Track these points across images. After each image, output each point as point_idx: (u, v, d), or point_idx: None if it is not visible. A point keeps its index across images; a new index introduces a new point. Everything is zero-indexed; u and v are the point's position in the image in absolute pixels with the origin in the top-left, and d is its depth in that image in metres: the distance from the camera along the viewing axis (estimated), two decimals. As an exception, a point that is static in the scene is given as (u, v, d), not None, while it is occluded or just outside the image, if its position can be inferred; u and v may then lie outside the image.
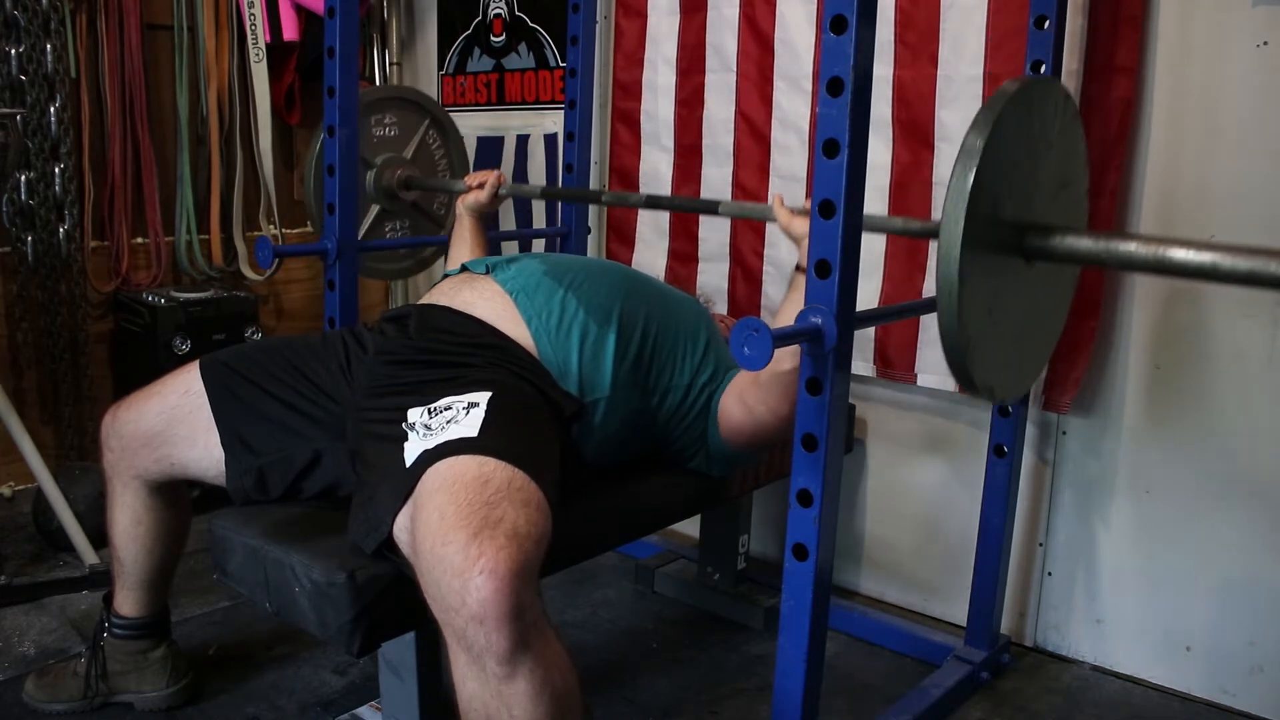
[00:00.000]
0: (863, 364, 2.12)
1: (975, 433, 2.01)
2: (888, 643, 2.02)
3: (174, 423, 1.50)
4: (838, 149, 1.14)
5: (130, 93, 2.61)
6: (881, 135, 2.02)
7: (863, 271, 1.22)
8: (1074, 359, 1.85)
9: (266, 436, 1.47)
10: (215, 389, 1.50)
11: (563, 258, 1.71)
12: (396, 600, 1.23)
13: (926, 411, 2.11)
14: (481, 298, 1.54)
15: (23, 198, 2.46)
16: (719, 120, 2.31)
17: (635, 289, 1.61)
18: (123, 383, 2.64)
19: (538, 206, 2.75)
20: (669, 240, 2.44)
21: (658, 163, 2.44)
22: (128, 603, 1.65)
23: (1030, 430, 1.92)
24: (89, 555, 2.11)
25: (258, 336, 2.69)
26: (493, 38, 2.79)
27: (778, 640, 1.28)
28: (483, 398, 1.28)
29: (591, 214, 2.51)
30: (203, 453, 1.49)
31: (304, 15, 2.84)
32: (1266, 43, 1.64)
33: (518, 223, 2.81)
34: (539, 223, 2.74)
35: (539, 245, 2.52)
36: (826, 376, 1.19)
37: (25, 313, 2.54)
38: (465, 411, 1.25)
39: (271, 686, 1.79)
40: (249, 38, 2.79)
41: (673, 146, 2.40)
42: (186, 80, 2.71)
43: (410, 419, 1.27)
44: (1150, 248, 1.06)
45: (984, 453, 1.82)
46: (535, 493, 1.17)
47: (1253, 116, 1.67)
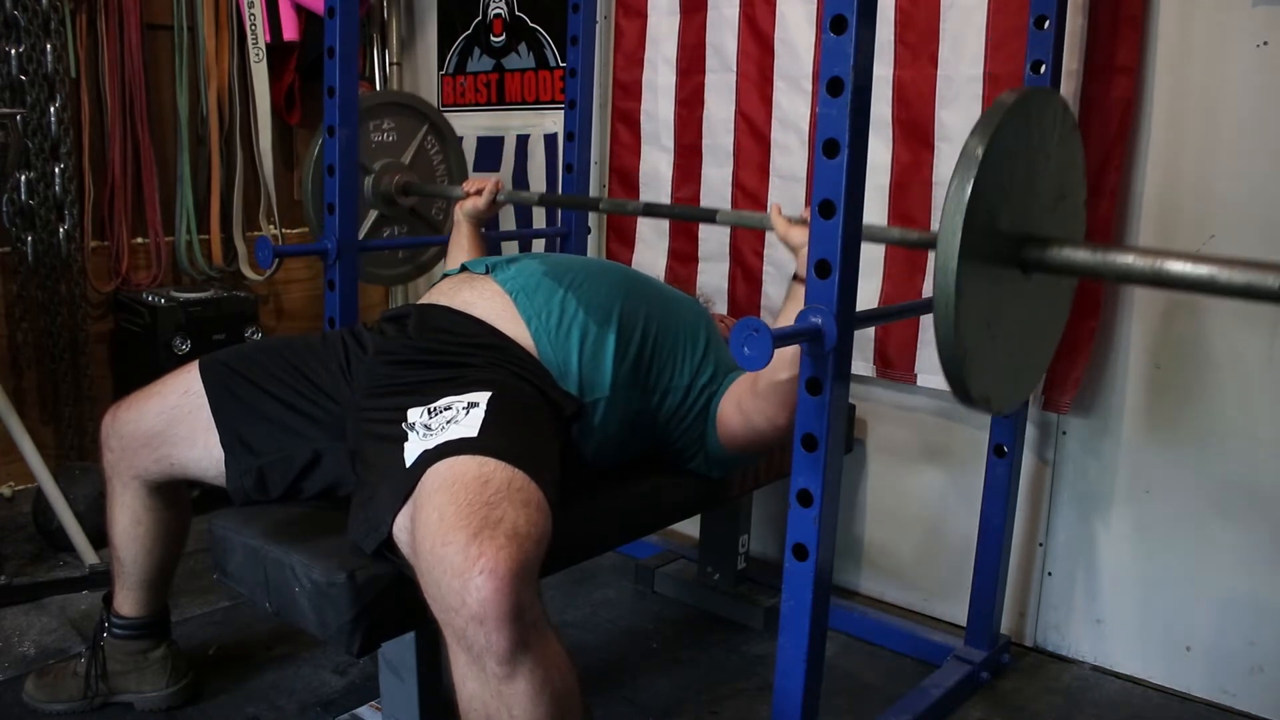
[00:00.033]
0: (863, 364, 2.12)
1: (975, 433, 2.01)
2: (888, 643, 2.02)
3: (174, 423, 1.50)
4: (838, 149, 1.14)
5: (130, 93, 2.61)
6: (881, 135, 2.02)
7: (863, 271, 1.22)
8: (1074, 359, 1.85)
9: (266, 436, 1.47)
10: (215, 389, 1.50)
11: (562, 258, 1.71)
12: (396, 600, 1.23)
13: (926, 411, 2.11)
14: (481, 297, 1.54)
15: (23, 198, 2.46)
16: (719, 120, 2.31)
17: (635, 289, 1.61)
18: (123, 383, 2.64)
19: (537, 207, 2.76)
20: (669, 240, 2.45)
21: (658, 163, 2.44)
22: (128, 603, 1.65)
23: (1030, 430, 1.92)
24: (89, 555, 2.11)
25: (258, 336, 2.69)
26: (493, 38, 2.79)
27: (778, 640, 1.28)
28: (483, 398, 1.28)
29: (592, 214, 2.51)
30: (202, 453, 1.49)
31: (304, 15, 2.84)
32: (1266, 43, 1.64)
33: (518, 223, 2.81)
34: (539, 223, 2.74)
35: (539, 245, 2.52)
36: (826, 376, 1.19)
37: (25, 313, 2.54)
38: (465, 411, 1.25)
39: (271, 686, 1.79)
40: (249, 38, 2.79)
41: (673, 146, 2.40)
42: (186, 80, 2.71)
43: (410, 419, 1.27)
44: (1148, 260, 1.06)
45: (984, 453, 1.82)
46: (535, 493, 1.17)
47: (1253, 116, 1.67)
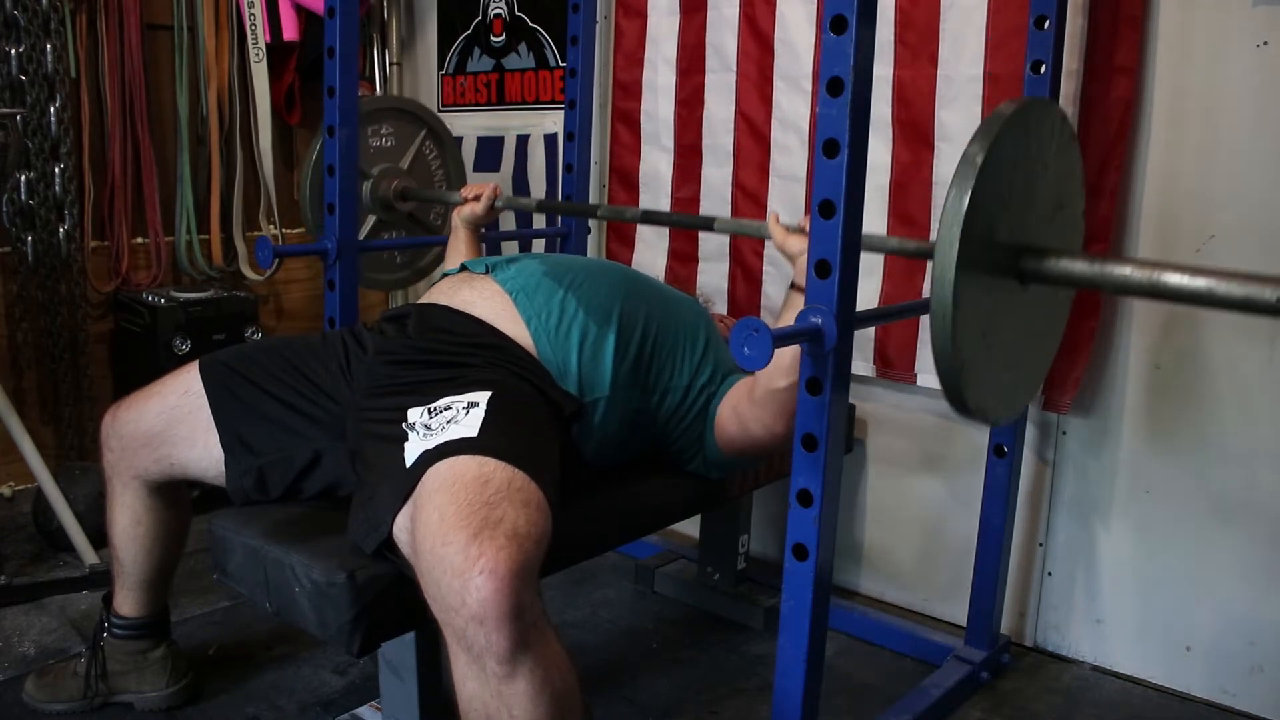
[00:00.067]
0: (863, 364, 2.12)
1: (975, 433, 2.01)
2: (888, 643, 2.01)
3: (174, 423, 1.50)
4: (838, 149, 1.14)
5: (130, 93, 2.61)
6: (881, 135, 2.02)
7: (863, 272, 1.22)
8: (1074, 359, 1.85)
9: (266, 436, 1.47)
10: (215, 389, 1.50)
11: (562, 258, 1.71)
12: (396, 600, 1.23)
13: (927, 411, 2.11)
14: (481, 297, 1.54)
15: (23, 198, 2.46)
16: (719, 120, 2.31)
17: (635, 289, 1.61)
18: (123, 383, 2.64)
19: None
20: (669, 240, 2.45)
21: (658, 163, 2.44)
22: (128, 603, 1.65)
23: (1030, 430, 1.92)
24: (89, 555, 2.11)
25: (258, 336, 2.69)
26: (493, 38, 2.79)
27: (778, 640, 1.28)
28: (483, 398, 1.28)
29: (591, 214, 2.51)
30: (202, 453, 1.49)
31: (304, 15, 2.84)
32: (1266, 43, 1.64)
33: (518, 223, 2.81)
34: (539, 223, 2.73)
35: (539, 245, 2.52)
36: (826, 376, 1.19)
37: (25, 313, 2.54)
38: (465, 411, 1.25)
39: (271, 686, 1.79)
40: (249, 38, 2.79)
41: (673, 146, 2.40)
42: (186, 80, 2.71)
43: (410, 419, 1.27)
44: (1145, 272, 1.06)
45: (984, 453, 1.82)
46: (535, 493, 1.17)
47: (1253, 117, 1.67)
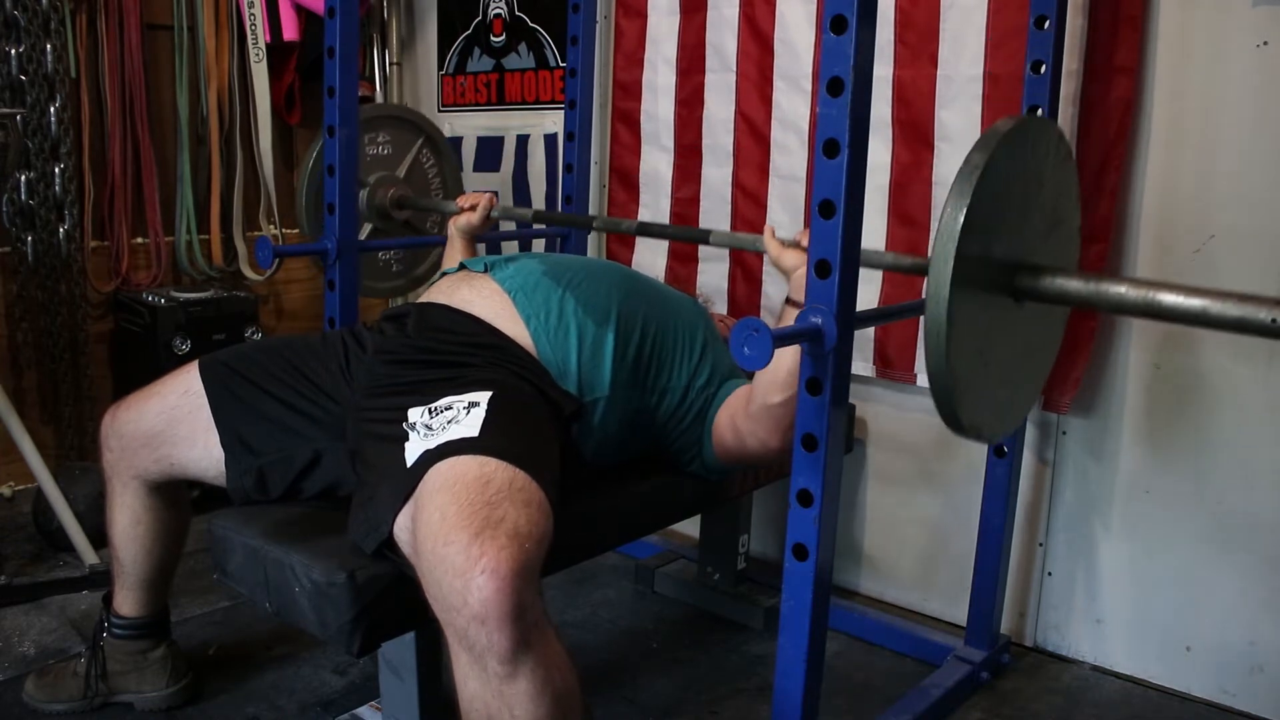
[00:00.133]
0: (863, 364, 2.12)
1: (975, 433, 2.01)
2: (888, 643, 2.01)
3: (174, 423, 1.50)
4: (838, 149, 1.14)
5: (130, 93, 2.61)
6: (881, 135, 2.02)
7: (863, 272, 1.22)
8: (1074, 359, 1.85)
9: (266, 436, 1.47)
10: (215, 389, 1.50)
11: (561, 257, 1.71)
12: (396, 600, 1.23)
13: (927, 411, 2.11)
14: (480, 296, 1.54)
15: (23, 198, 2.46)
16: (719, 120, 2.31)
17: (634, 289, 1.61)
18: (123, 383, 2.64)
19: (537, 204, 2.75)
20: (669, 240, 2.44)
21: (658, 163, 2.44)
22: (127, 603, 1.65)
23: (1030, 430, 1.93)
24: (89, 555, 2.11)
25: (258, 336, 2.69)
26: (493, 38, 2.79)
27: (778, 640, 1.28)
28: (483, 397, 1.28)
29: (592, 213, 2.51)
30: (202, 453, 1.49)
31: (304, 15, 2.84)
32: (1266, 43, 1.64)
33: (517, 222, 2.80)
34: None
35: (539, 245, 2.52)
36: (826, 376, 1.19)
37: (25, 313, 2.54)
38: (466, 411, 1.25)
39: (271, 686, 1.79)
40: (249, 38, 2.79)
41: (673, 146, 2.40)
42: (186, 80, 2.71)
43: (411, 419, 1.27)
44: (1140, 291, 1.05)
45: (984, 453, 1.82)
46: (536, 492, 1.17)
47: (1253, 117, 1.67)
